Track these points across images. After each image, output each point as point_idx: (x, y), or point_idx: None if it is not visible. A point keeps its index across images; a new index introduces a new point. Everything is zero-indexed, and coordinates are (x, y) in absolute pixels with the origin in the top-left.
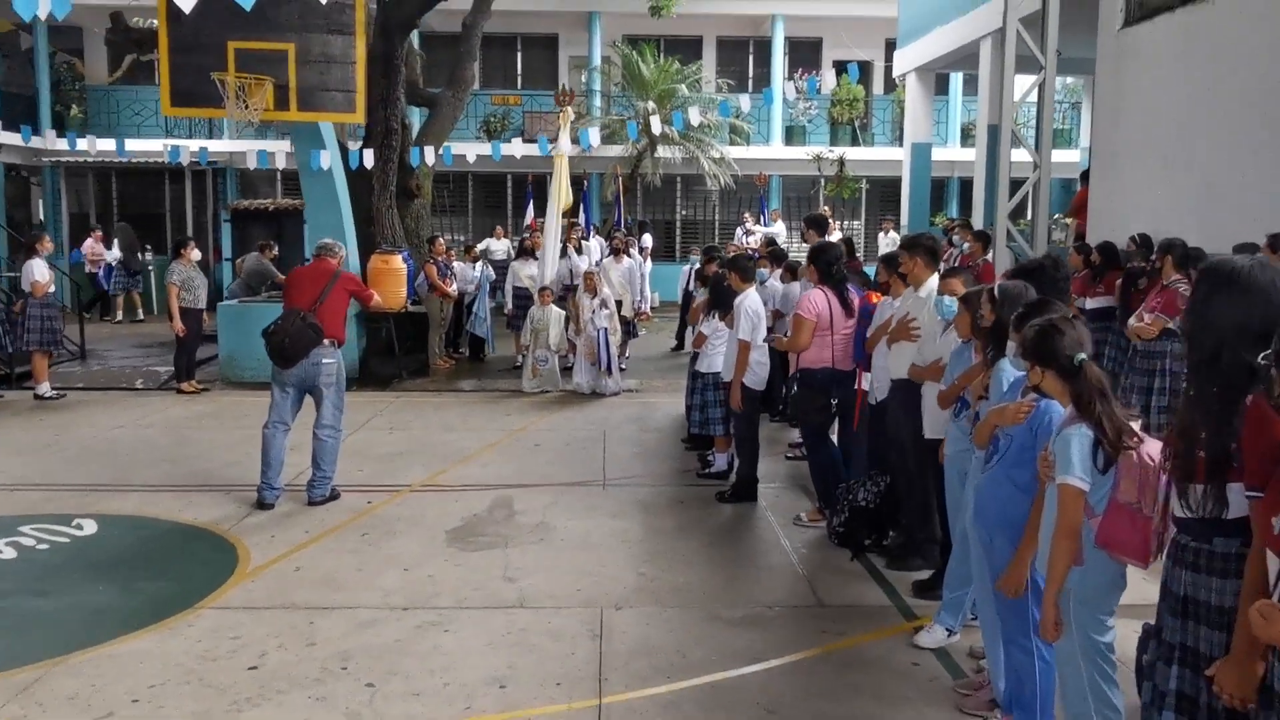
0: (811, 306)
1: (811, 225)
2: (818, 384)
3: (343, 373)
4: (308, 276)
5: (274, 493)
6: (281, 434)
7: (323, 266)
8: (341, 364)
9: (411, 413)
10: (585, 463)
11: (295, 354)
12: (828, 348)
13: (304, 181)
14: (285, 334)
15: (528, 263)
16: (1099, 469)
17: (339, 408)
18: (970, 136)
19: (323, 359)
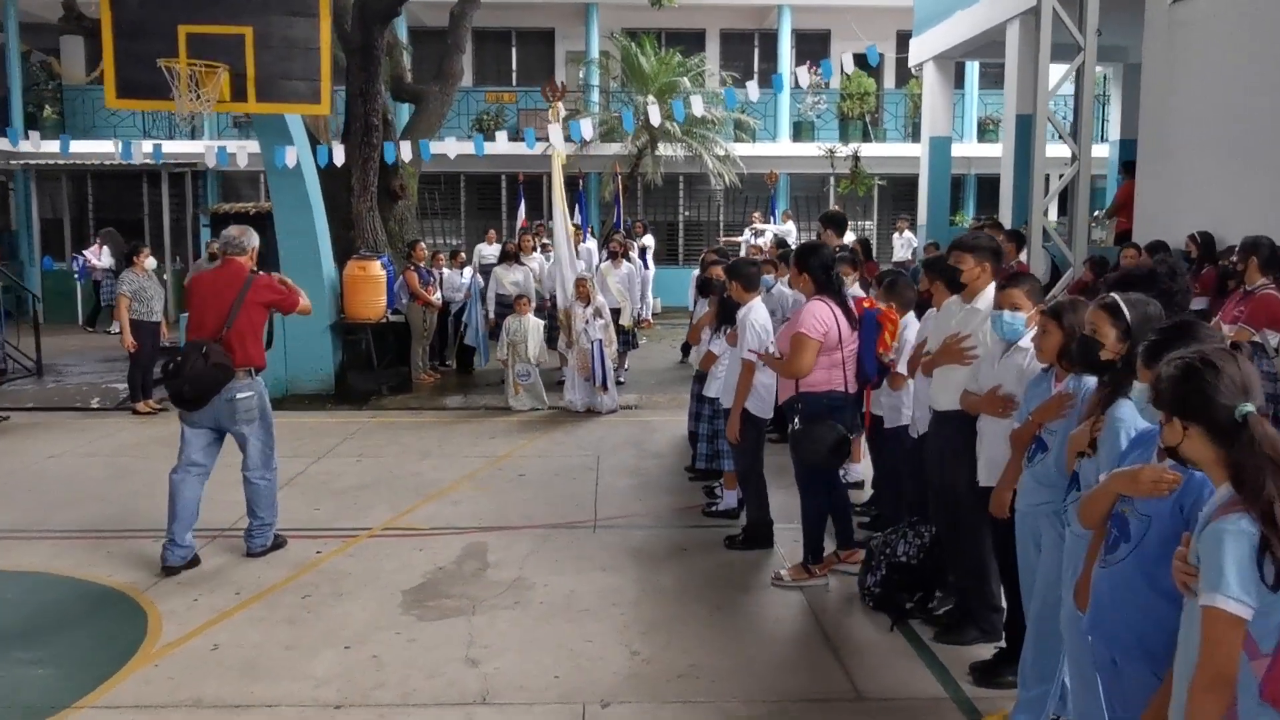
0: (817, 324)
1: (829, 224)
2: (825, 413)
3: (265, 402)
4: (211, 287)
5: (180, 553)
6: (194, 480)
7: (230, 271)
8: (263, 393)
9: (385, 436)
10: (574, 498)
11: (201, 398)
12: (838, 368)
13: (271, 181)
14: (184, 380)
15: (511, 268)
16: (1269, 585)
17: (268, 445)
18: (989, 131)
19: (236, 394)
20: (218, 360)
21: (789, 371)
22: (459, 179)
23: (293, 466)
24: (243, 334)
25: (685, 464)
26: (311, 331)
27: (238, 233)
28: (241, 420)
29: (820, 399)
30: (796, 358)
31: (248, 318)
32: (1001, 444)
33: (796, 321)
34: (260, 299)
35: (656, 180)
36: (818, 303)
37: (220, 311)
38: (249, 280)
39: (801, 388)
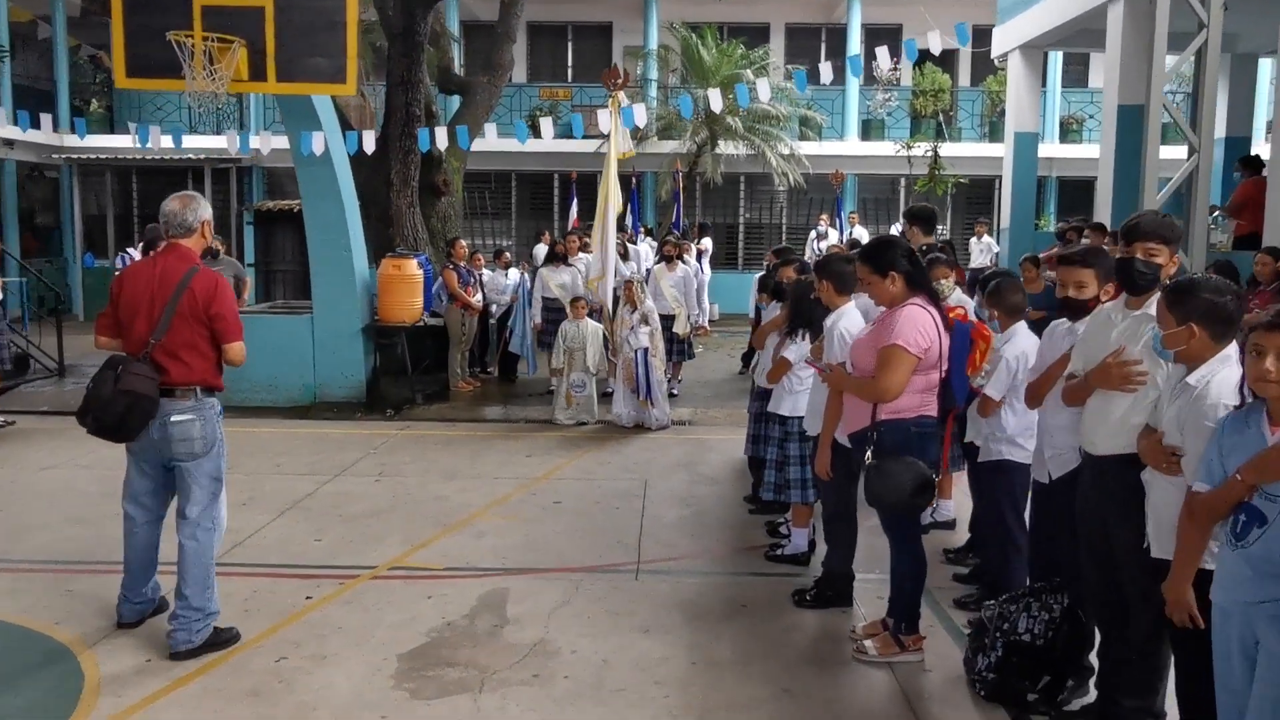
0: (919, 336)
1: (915, 220)
2: (916, 446)
3: (214, 433)
4: (141, 282)
5: (136, 607)
6: (143, 529)
7: (168, 261)
8: (213, 422)
9: (411, 451)
10: (616, 532)
11: (126, 430)
12: (933, 391)
13: (298, 171)
14: (88, 411)
15: (559, 269)
16: None
17: (211, 493)
18: (1072, 131)
19: (171, 416)
20: (130, 385)
21: (873, 392)
22: (510, 177)
23: (302, 486)
24: (177, 347)
25: (744, 493)
26: (342, 335)
27: (179, 205)
28: (178, 453)
29: (905, 427)
30: (887, 375)
31: (186, 326)
32: (1175, 503)
33: (888, 330)
34: (197, 307)
35: (716, 179)
36: (917, 309)
37: (150, 316)
38: (188, 275)
39: (883, 413)
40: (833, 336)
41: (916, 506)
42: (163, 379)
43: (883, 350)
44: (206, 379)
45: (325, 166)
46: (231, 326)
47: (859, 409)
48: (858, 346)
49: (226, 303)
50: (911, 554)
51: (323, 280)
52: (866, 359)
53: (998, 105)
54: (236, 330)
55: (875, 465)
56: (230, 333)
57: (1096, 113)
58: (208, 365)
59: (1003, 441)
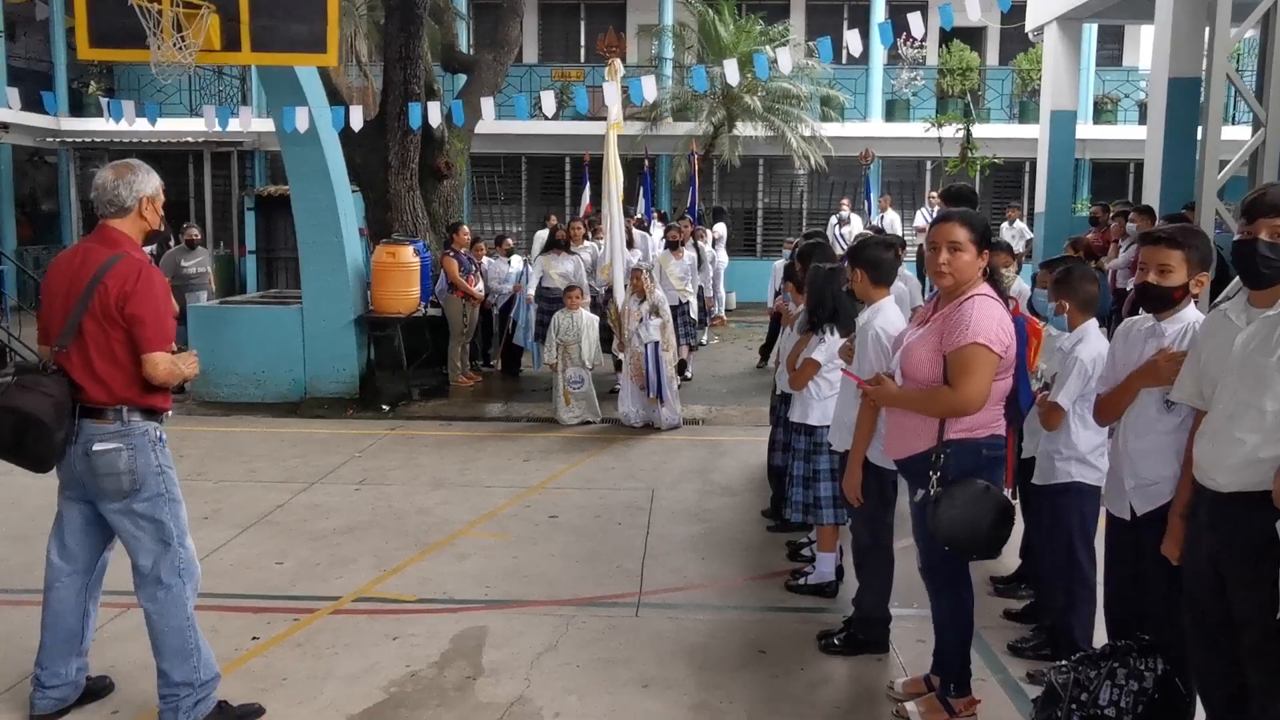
0: (1001, 331)
1: (954, 200)
2: (986, 471)
3: (149, 464)
4: (63, 274)
5: (54, 694)
6: (69, 577)
7: (95, 245)
8: (144, 451)
9: (399, 454)
10: (616, 555)
11: (28, 456)
12: (1003, 401)
13: (283, 149)
14: None
15: (560, 258)
16: None
17: (159, 537)
18: (1106, 112)
19: (92, 444)
20: (13, 401)
21: (949, 404)
22: (519, 161)
23: (274, 496)
24: (90, 357)
25: (763, 505)
26: (333, 326)
27: (111, 176)
28: (105, 490)
29: (977, 448)
30: (970, 382)
31: (100, 330)
32: None
33: (961, 326)
34: (109, 306)
35: (734, 162)
36: (990, 300)
37: (63, 315)
38: (105, 266)
39: (951, 432)
40: (866, 337)
41: (996, 543)
42: (80, 396)
43: (959, 352)
44: (130, 398)
45: (312, 145)
46: (150, 332)
47: (916, 428)
48: (913, 350)
49: (148, 302)
50: (956, 598)
51: (312, 268)
52: (925, 366)
53: (1028, 84)
54: (157, 337)
55: (946, 495)
56: (148, 340)
57: (1132, 92)
58: (129, 380)
59: (1072, 460)
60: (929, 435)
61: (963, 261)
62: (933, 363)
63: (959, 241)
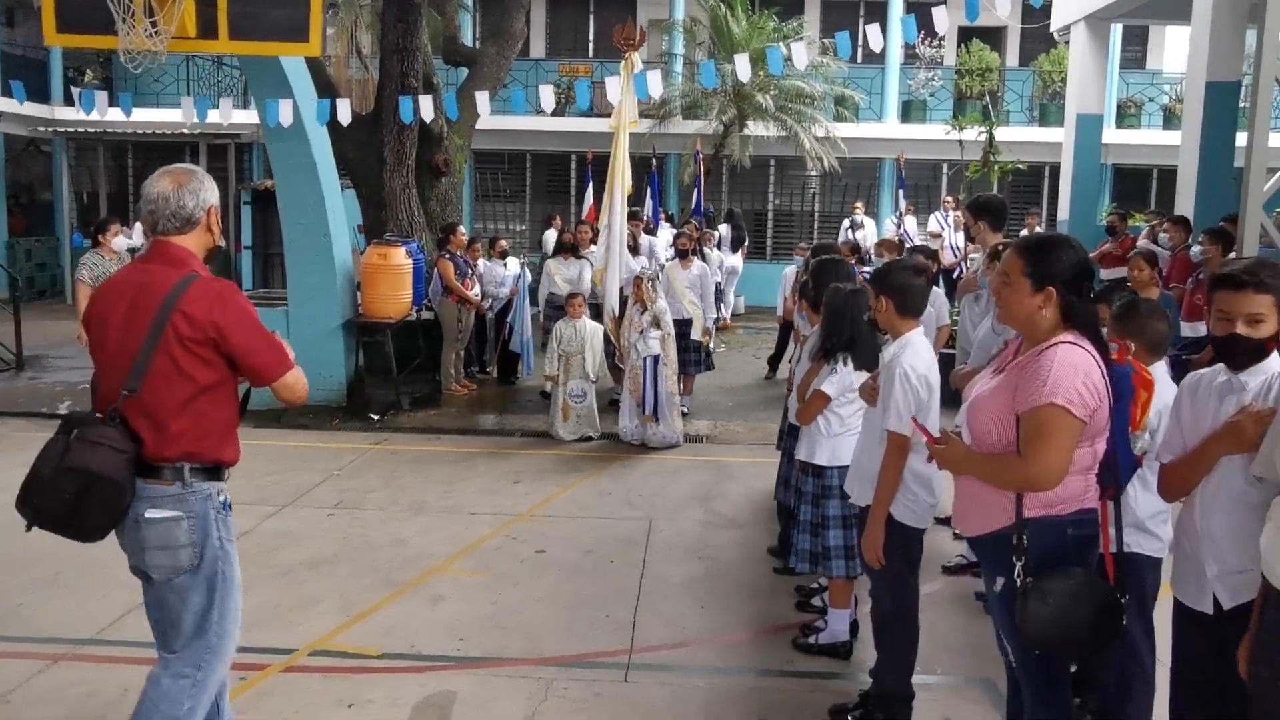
0: (1085, 390)
1: (981, 213)
2: (1075, 554)
3: (208, 536)
4: (117, 302)
5: None
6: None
7: (158, 266)
8: (206, 519)
9: (382, 472)
10: (607, 599)
11: (84, 527)
12: (1094, 469)
13: (268, 144)
14: (28, 498)
15: (567, 262)
16: None
17: (197, 625)
18: (1129, 115)
19: (144, 511)
20: (81, 461)
21: (1019, 478)
22: (524, 157)
23: (243, 521)
24: (161, 402)
25: (769, 542)
26: (319, 331)
27: (171, 186)
28: (155, 565)
29: (1061, 528)
30: (1043, 452)
31: (171, 365)
32: None
33: (1036, 381)
34: (197, 337)
35: (744, 162)
36: (1075, 349)
37: (123, 353)
38: (178, 290)
39: (1029, 509)
40: (892, 376)
41: (1098, 644)
42: (142, 451)
43: (1033, 415)
44: (201, 451)
45: (298, 139)
46: (269, 357)
47: (988, 499)
48: (982, 406)
49: (248, 325)
50: (1058, 707)
51: (298, 269)
52: (995, 426)
53: (1049, 86)
54: (279, 357)
55: (1035, 590)
56: (271, 365)
57: (1157, 95)
58: (208, 429)
59: (1130, 527)
60: (1005, 510)
61: (1011, 298)
62: (1003, 423)
63: (1007, 274)
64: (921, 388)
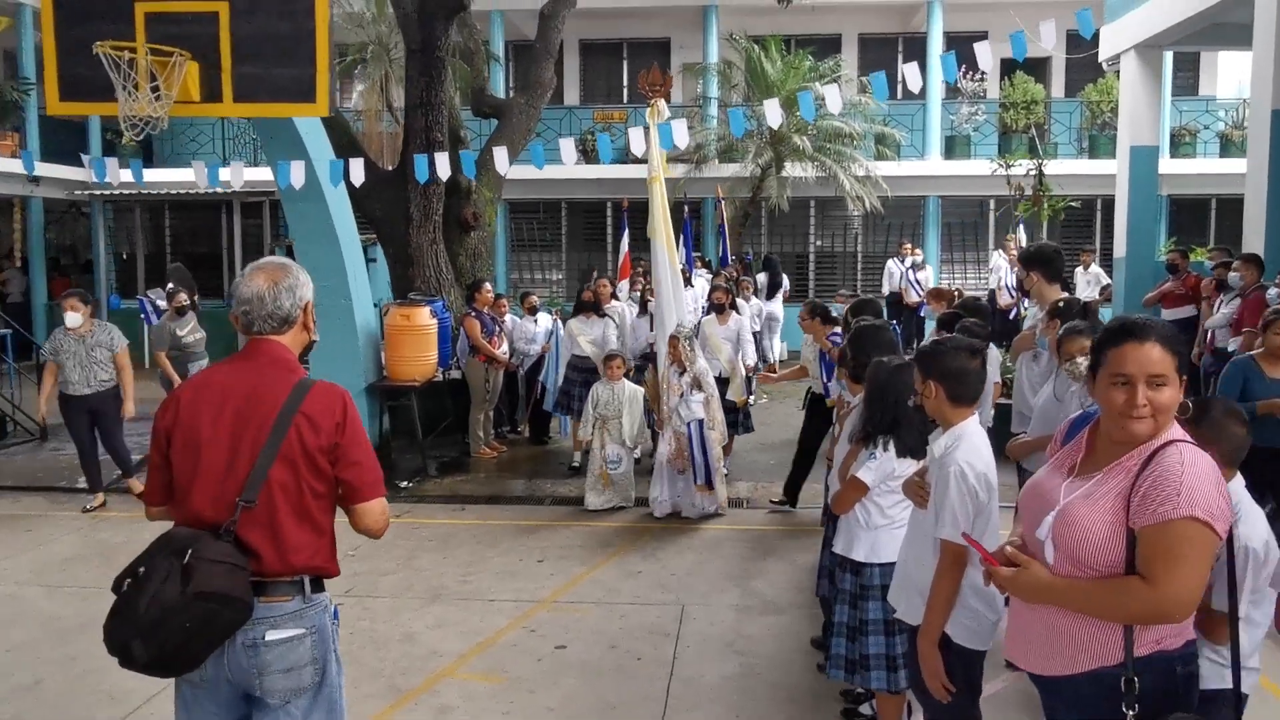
0: (1220, 500)
1: (1034, 265)
2: (1184, 694)
3: (328, 650)
4: (217, 406)
5: None
6: None
7: (263, 367)
8: (327, 633)
9: (398, 553)
10: (630, 709)
11: (188, 658)
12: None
13: (285, 207)
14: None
15: (589, 321)
16: None
17: None
18: (1184, 145)
19: (265, 633)
20: (212, 585)
21: (1147, 608)
22: (559, 206)
23: None
24: (280, 514)
25: (814, 632)
26: None
27: (266, 284)
28: (276, 690)
29: (1171, 666)
30: (1180, 575)
31: (292, 474)
32: None
33: (1168, 490)
34: (316, 446)
35: (782, 206)
36: (1196, 452)
37: (232, 462)
38: (296, 395)
39: (1143, 644)
40: (946, 475)
41: None
42: (254, 567)
43: (1166, 530)
44: (320, 564)
45: (315, 201)
46: (372, 474)
47: (1078, 634)
48: (1077, 516)
49: (361, 433)
50: None
51: (319, 334)
52: (1101, 544)
53: (1098, 117)
54: (378, 477)
55: None
56: (369, 485)
57: (1212, 122)
58: (324, 542)
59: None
60: (1107, 646)
61: (1169, 400)
62: (1109, 540)
63: (1164, 375)
64: (981, 488)
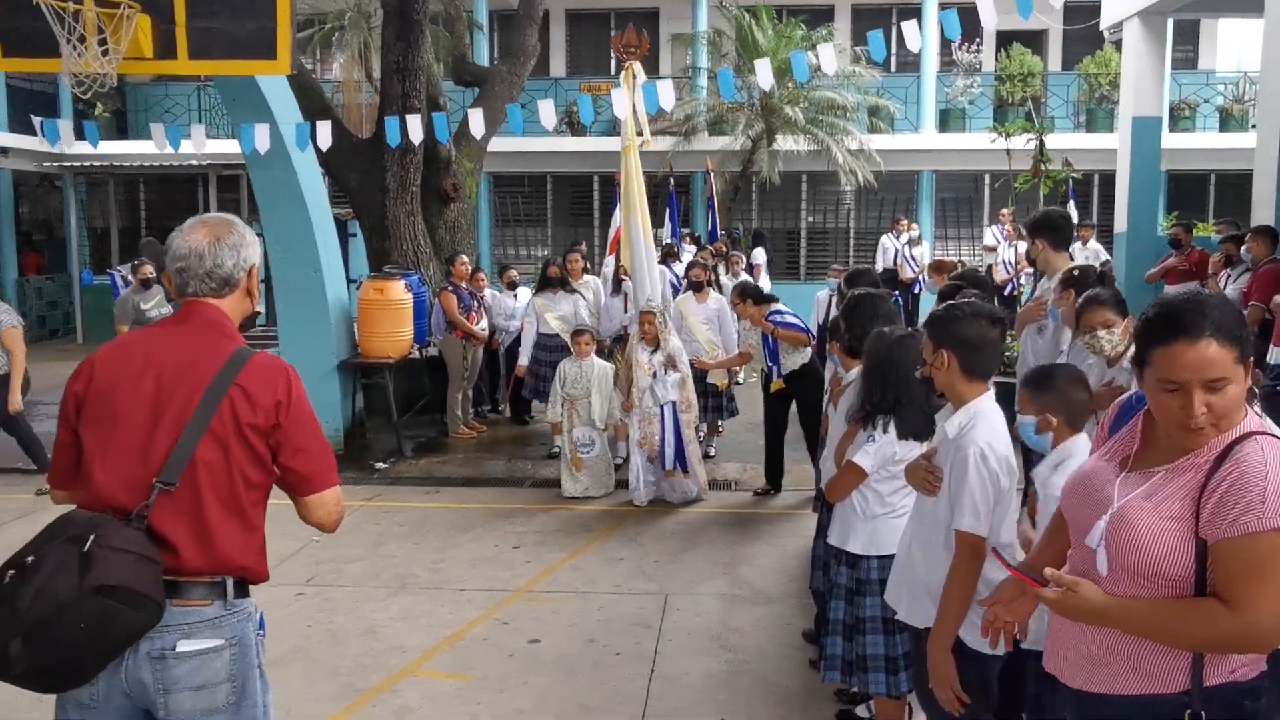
0: None
1: (1040, 231)
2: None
3: (250, 666)
4: (137, 376)
5: None
6: None
7: (195, 333)
8: (250, 646)
9: (367, 538)
10: (607, 710)
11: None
12: None
13: (251, 173)
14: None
15: (556, 297)
16: None
17: None
18: (1183, 119)
19: (176, 643)
20: (114, 577)
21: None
22: (545, 180)
23: None
24: (208, 494)
25: (805, 624)
26: (313, 373)
27: (205, 239)
28: (185, 709)
29: (1239, 699)
30: (1270, 595)
31: (221, 455)
32: None
33: (1251, 496)
34: (255, 425)
35: (773, 179)
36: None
37: (149, 438)
38: (231, 365)
39: (1213, 674)
40: (965, 459)
41: None
42: (168, 562)
43: (1249, 542)
44: (248, 564)
45: (282, 167)
46: (321, 461)
47: (1137, 658)
48: (1136, 522)
49: (308, 418)
50: None
51: (288, 306)
52: (1167, 554)
53: (1095, 90)
54: (330, 464)
55: None
56: (319, 473)
57: (1211, 96)
58: (254, 539)
59: None
60: (1171, 674)
61: (1232, 401)
62: (1182, 551)
63: (1222, 378)
64: (1003, 472)
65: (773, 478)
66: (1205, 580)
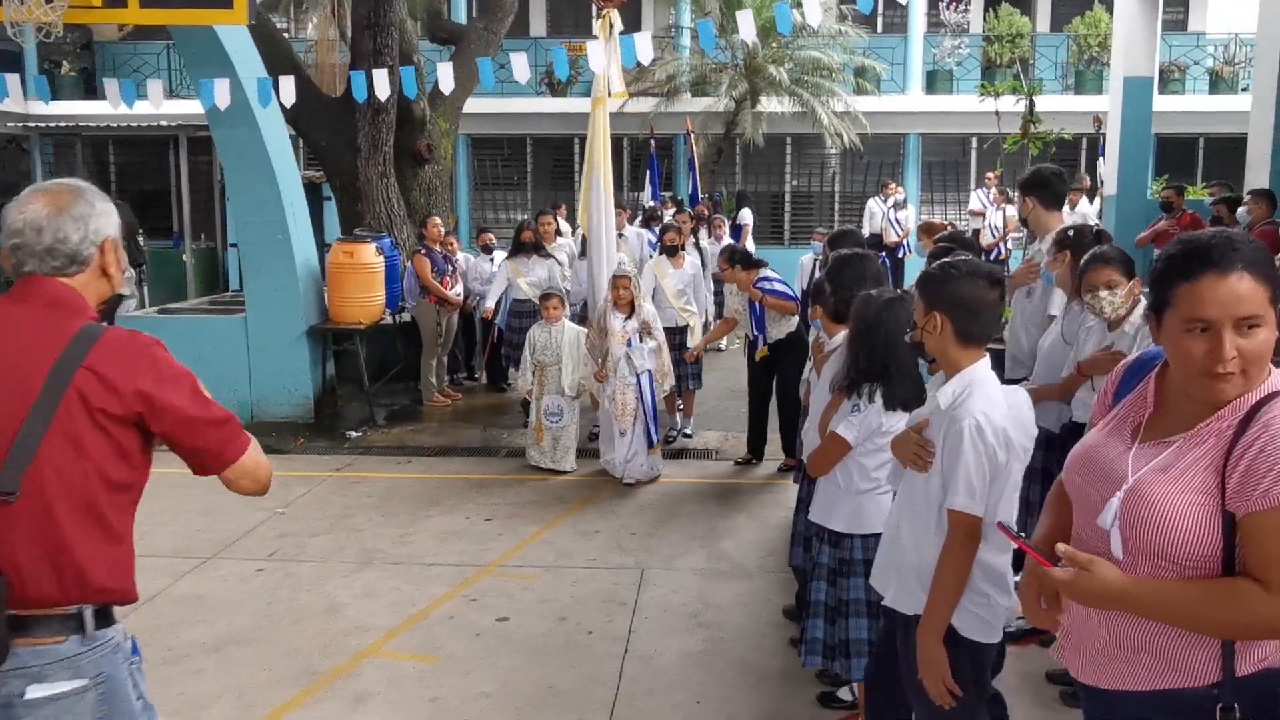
0: None
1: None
2: None
3: (132, 695)
4: None
5: None
6: None
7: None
8: (122, 683)
9: (333, 510)
10: (576, 695)
11: None
12: None
13: (214, 131)
14: None
15: (529, 262)
16: None
17: None
18: (1172, 81)
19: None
20: None
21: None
22: (524, 142)
23: (151, 582)
24: (57, 502)
25: (785, 600)
26: (281, 339)
27: (45, 210)
28: None
29: (1271, 686)
30: None
31: (73, 451)
32: None
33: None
34: (113, 405)
35: (757, 141)
36: None
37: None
38: (83, 339)
39: (1245, 661)
40: (959, 432)
41: None
42: (10, 594)
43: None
44: (113, 586)
45: (246, 125)
46: (220, 432)
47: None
48: (1156, 496)
49: (186, 387)
50: None
51: (254, 271)
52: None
53: (1084, 51)
54: (233, 432)
55: None
56: (223, 444)
57: (1202, 58)
58: (121, 553)
59: None
60: (1200, 664)
61: (1264, 345)
62: (1207, 527)
63: (1257, 314)
64: (1000, 446)
65: (755, 447)
66: (1235, 558)
